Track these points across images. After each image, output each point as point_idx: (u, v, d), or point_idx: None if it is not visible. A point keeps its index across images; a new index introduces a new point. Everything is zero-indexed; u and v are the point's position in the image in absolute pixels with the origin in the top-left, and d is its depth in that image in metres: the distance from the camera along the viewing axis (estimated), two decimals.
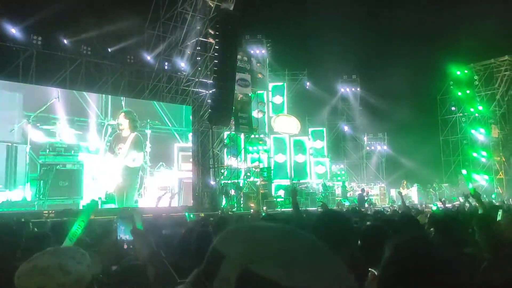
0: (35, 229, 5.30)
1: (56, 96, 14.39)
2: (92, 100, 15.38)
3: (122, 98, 16.50)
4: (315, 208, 14.34)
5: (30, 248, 3.30)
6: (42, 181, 13.84)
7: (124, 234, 4.58)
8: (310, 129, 26.10)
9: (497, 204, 9.77)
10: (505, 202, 15.15)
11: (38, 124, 13.96)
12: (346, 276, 0.70)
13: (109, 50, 17.53)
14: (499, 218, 4.25)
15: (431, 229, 4.11)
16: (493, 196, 21.89)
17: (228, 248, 0.71)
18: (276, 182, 22.77)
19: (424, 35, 26.54)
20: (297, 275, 0.65)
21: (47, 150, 14.04)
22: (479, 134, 26.63)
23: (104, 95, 15.98)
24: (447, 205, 10.05)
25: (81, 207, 14.02)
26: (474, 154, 26.50)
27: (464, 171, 25.56)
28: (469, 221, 3.72)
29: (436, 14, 27.05)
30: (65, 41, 16.19)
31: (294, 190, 5.26)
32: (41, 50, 15.46)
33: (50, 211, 12.50)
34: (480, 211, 5.34)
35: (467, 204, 8.52)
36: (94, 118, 15.30)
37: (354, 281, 0.72)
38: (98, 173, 15.02)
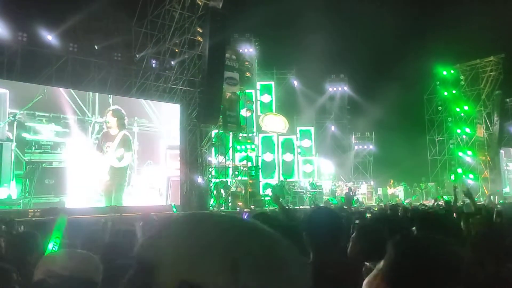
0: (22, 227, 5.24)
1: (41, 93, 14.18)
2: (78, 98, 15.16)
3: (109, 96, 16.32)
4: (306, 207, 14.41)
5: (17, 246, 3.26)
6: (27, 179, 13.60)
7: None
8: (298, 128, 26.14)
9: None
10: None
11: (24, 122, 13.72)
12: (304, 276, 0.61)
13: (96, 47, 17.31)
14: None
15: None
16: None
17: (159, 253, 0.57)
18: (264, 181, 22.79)
19: (411, 36, 26.76)
20: (248, 279, 0.54)
21: (33, 148, 13.81)
22: (465, 134, 26.96)
23: (91, 93, 15.81)
24: (439, 203, 10.16)
25: (66, 206, 13.87)
26: (460, 154, 26.82)
27: (452, 177, 25.93)
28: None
29: (422, 15, 27.30)
30: (51, 38, 15.95)
31: (276, 197, 5.86)
32: (26, 47, 15.20)
33: (36, 210, 12.33)
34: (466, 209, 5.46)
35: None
36: (81, 115, 15.09)
37: (309, 281, 0.63)
38: (84, 171, 14.82)
